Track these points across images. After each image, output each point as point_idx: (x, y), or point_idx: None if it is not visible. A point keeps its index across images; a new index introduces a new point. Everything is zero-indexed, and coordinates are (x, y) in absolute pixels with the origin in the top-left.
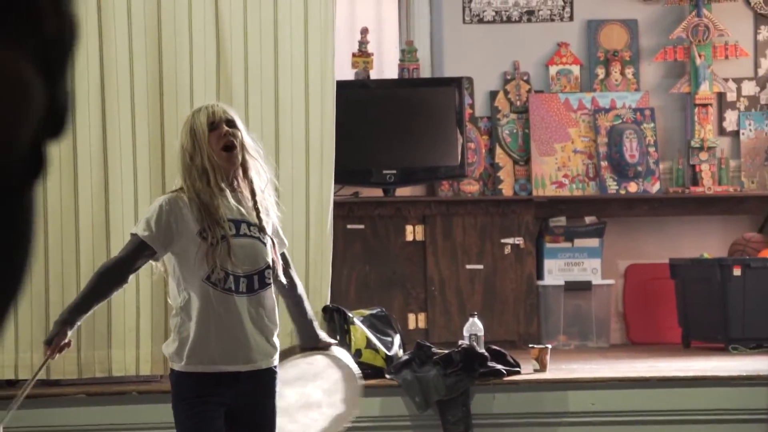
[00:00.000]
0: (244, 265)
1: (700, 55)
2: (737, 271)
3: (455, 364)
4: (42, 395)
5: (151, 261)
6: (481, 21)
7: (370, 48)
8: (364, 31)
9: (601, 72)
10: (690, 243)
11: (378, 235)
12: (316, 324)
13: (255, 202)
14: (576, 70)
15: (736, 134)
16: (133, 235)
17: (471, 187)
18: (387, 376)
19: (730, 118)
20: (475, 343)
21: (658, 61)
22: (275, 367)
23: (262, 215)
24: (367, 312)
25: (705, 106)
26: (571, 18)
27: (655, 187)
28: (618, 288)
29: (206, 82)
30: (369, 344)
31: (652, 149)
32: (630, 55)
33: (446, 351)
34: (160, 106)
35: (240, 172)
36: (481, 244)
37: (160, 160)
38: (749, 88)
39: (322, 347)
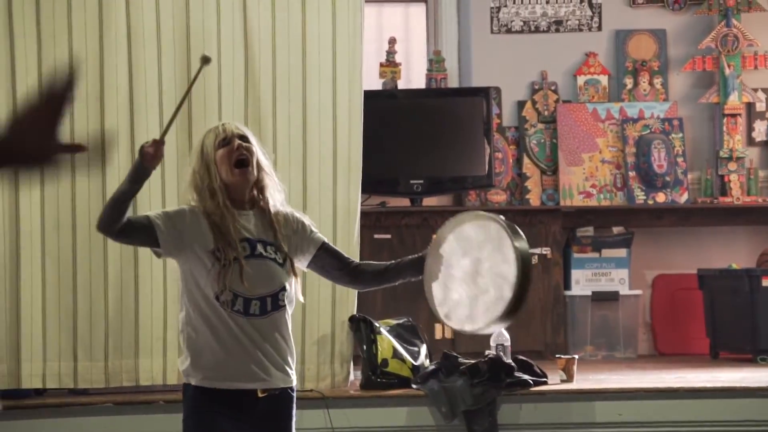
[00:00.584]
0: (256, 288)
1: (729, 65)
2: (766, 282)
3: (482, 374)
4: (69, 404)
5: (160, 256)
6: (509, 31)
7: (397, 58)
8: (392, 41)
9: (629, 82)
10: (718, 253)
11: (405, 244)
12: (401, 261)
13: (271, 221)
14: (604, 80)
15: (765, 144)
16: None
17: (498, 197)
18: (413, 386)
19: (759, 128)
20: (501, 353)
21: (687, 71)
22: (292, 390)
23: (280, 233)
24: (393, 322)
25: (734, 116)
26: (599, 28)
27: (683, 198)
28: (646, 298)
29: (234, 94)
30: (395, 354)
31: (680, 159)
32: (658, 65)
33: (473, 361)
34: (188, 118)
35: (255, 190)
36: None
37: None
38: None
39: (423, 256)
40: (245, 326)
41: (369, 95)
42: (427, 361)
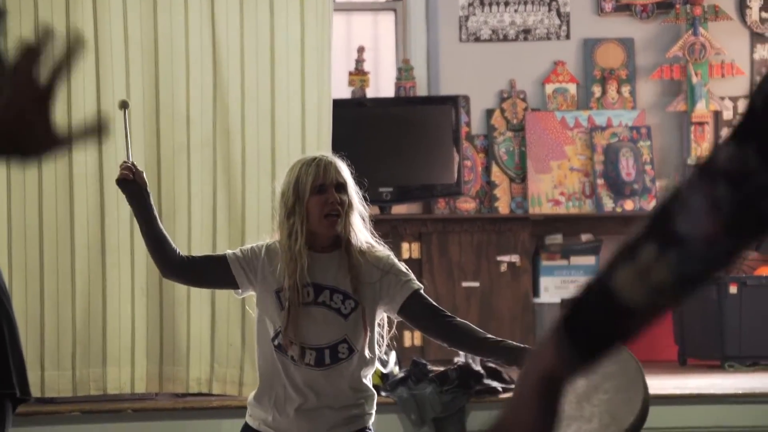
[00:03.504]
0: (310, 338)
1: (696, 74)
2: (733, 289)
3: (451, 381)
4: (37, 413)
5: (239, 294)
6: (477, 39)
7: (366, 66)
8: (361, 50)
9: (597, 90)
10: None
11: None
12: (502, 342)
13: (350, 266)
14: (572, 88)
15: None
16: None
17: (467, 205)
18: (383, 393)
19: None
20: (470, 361)
21: (655, 79)
22: None
23: (357, 281)
24: None
25: (701, 124)
26: (567, 36)
27: (651, 205)
28: None
29: (203, 104)
30: None
31: (648, 167)
32: (626, 73)
33: (442, 368)
34: (156, 128)
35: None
36: (477, 261)
37: (157, 182)
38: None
39: (524, 348)
40: (296, 375)
41: (338, 104)
42: (397, 368)
